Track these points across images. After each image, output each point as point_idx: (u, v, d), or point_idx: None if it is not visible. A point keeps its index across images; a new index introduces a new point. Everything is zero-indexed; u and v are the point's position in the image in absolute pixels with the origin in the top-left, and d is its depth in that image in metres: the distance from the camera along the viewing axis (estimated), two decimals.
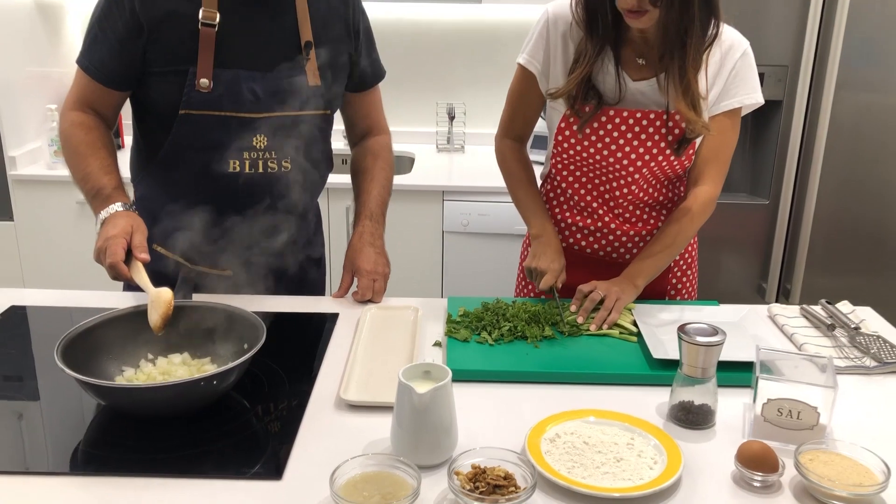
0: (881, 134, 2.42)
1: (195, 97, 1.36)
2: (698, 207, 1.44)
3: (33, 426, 1.11)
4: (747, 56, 1.41)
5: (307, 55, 1.43)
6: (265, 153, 1.43)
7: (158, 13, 1.35)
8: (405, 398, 0.98)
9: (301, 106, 1.44)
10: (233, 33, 1.37)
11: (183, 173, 1.44)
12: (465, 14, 2.97)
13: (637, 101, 1.40)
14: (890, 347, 1.30)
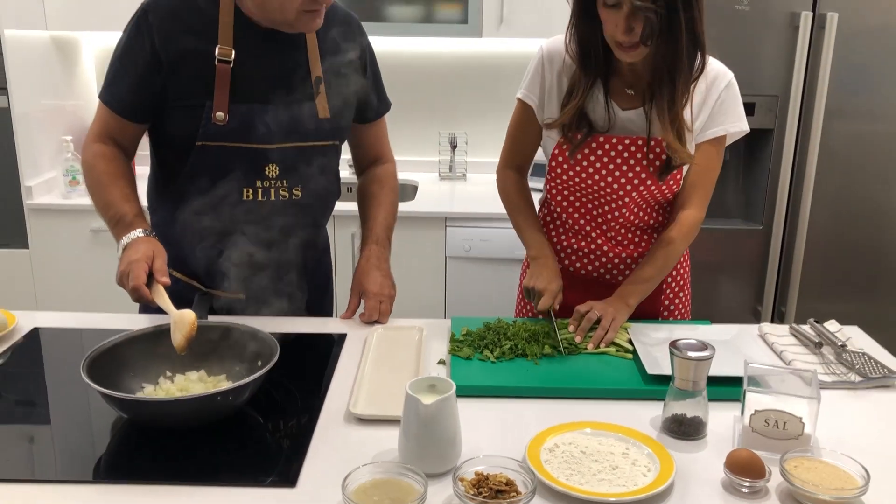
0: (871, 161, 2.50)
1: (211, 129, 1.44)
2: (684, 230, 1.51)
3: (54, 441, 1.17)
4: (731, 86, 1.49)
5: (317, 90, 1.50)
6: (277, 182, 1.50)
7: (177, 50, 1.42)
8: (412, 409, 1.04)
9: (311, 137, 1.51)
10: (247, 69, 1.44)
11: (198, 201, 1.49)
12: (466, 48, 3.07)
13: (626, 128, 1.48)
14: (874, 364, 1.36)
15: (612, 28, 1.35)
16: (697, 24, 1.35)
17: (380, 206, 1.68)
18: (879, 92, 2.45)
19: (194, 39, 1.43)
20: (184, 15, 1.43)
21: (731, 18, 2.39)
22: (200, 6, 1.43)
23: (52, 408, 1.26)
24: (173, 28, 1.42)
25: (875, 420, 1.22)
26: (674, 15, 1.31)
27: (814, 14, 2.38)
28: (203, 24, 1.43)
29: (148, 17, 1.42)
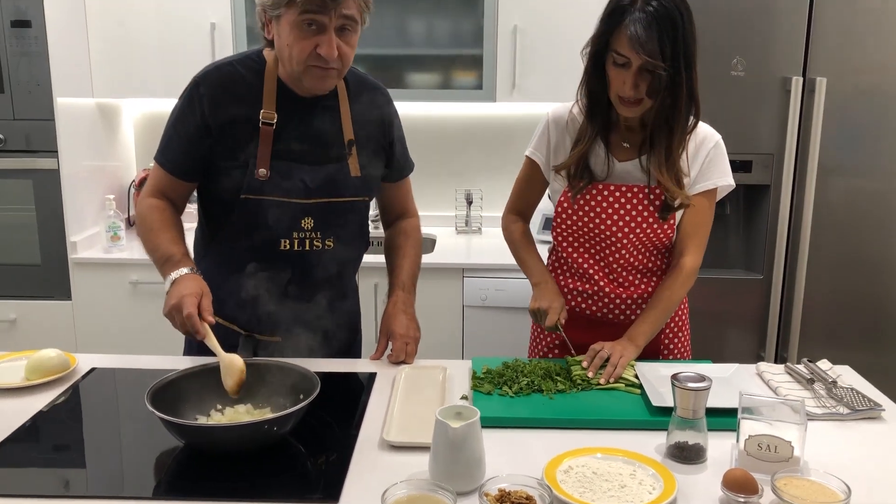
0: (865, 215, 2.64)
1: (254, 184, 1.58)
2: (685, 275, 1.66)
3: (122, 463, 1.31)
4: (719, 146, 1.67)
5: (350, 151, 1.66)
6: (312, 233, 1.64)
7: (224, 117, 1.58)
8: (442, 433, 1.17)
9: (343, 193, 1.65)
10: (287, 131, 1.60)
11: (240, 250, 1.64)
12: (481, 111, 3.27)
13: (623, 177, 1.66)
14: (861, 397, 1.49)
15: (620, 85, 1.53)
16: (694, 83, 1.54)
17: (405, 256, 1.82)
18: (870, 151, 2.60)
19: (240, 106, 1.59)
20: (231, 86, 1.60)
21: (729, 83, 2.57)
22: (246, 78, 1.61)
23: (114, 436, 1.40)
24: (222, 97, 1.59)
25: (860, 447, 1.34)
26: (677, 75, 1.49)
27: (804, 79, 2.55)
28: (248, 93, 1.59)
29: (199, 88, 1.59)
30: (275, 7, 1.50)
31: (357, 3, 1.52)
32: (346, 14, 1.50)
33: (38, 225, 2.82)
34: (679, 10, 1.48)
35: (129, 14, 2.92)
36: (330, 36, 1.50)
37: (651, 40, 1.46)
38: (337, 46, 1.51)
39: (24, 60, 2.71)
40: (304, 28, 1.49)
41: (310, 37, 1.50)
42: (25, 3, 2.67)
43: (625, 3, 1.50)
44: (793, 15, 2.53)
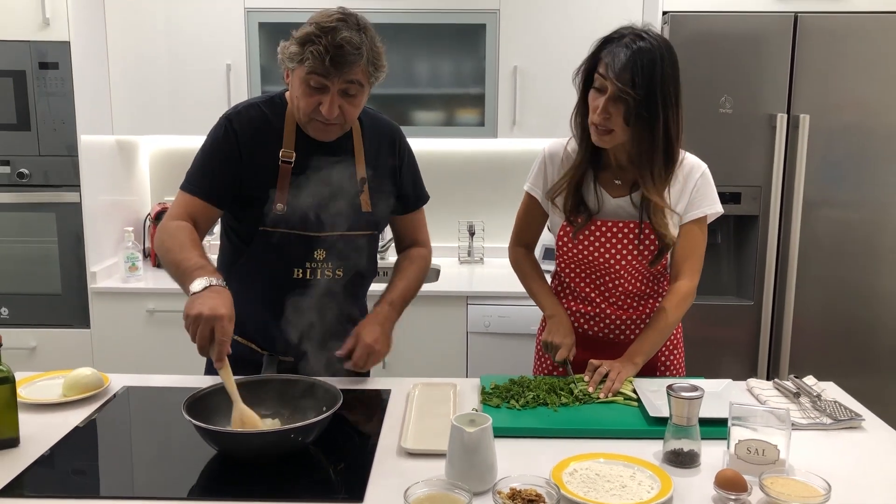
0: (850, 244, 2.78)
1: (272, 218, 1.70)
2: (681, 297, 1.77)
3: (160, 468, 1.42)
4: (705, 175, 1.79)
5: (361, 188, 1.77)
6: (323, 264, 1.75)
7: (252, 152, 1.71)
8: (457, 437, 1.28)
9: (354, 227, 1.76)
10: (304, 170, 1.71)
11: (257, 277, 1.75)
12: (483, 147, 3.42)
13: (616, 213, 1.78)
14: (844, 409, 1.60)
15: (594, 110, 1.65)
16: (671, 123, 1.63)
17: (404, 277, 1.90)
18: (853, 184, 2.75)
19: (264, 145, 1.72)
20: (257, 125, 1.73)
21: (717, 119, 2.73)
22: (269, 119, 1.74)
23: (150, 446, 1.51)
24: (250, 135, 1.71)
25: (841, 453, 1.45)
26: (651, 108, 1.60)
27: (788, 116, 2.71)
28: (270, 133, 1.72)
29: (232, 123, 1.72)
30: (290, 61, 1.63)
31: (364, 68, 1.61)
32: (350, 79, 1.61)
33: (59, 256, 2.94)
34: (661, 52, 1.60)
35: (148, 57, 3.08)
36: (332, 97, 1.61)
37: (625, 69, 1.58)
38: (339, 105, 1.62)
39: (51, 100, 2.86)
40: (309, 86, 1.61)
41: (314, 94, 1.61)
42: (53, 47, 2.83)
43: (615, 36, 1.64)
44: (777, 56, 2.69)
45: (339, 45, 1.56)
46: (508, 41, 3.05)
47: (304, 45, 1.58)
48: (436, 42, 3.12)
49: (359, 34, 1.60)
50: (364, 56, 1.60)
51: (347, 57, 1.57)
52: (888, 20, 2.69)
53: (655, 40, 1.62)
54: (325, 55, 1.56)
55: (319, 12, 1.63)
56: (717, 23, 2.71)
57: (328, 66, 1.57)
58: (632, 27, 1.65)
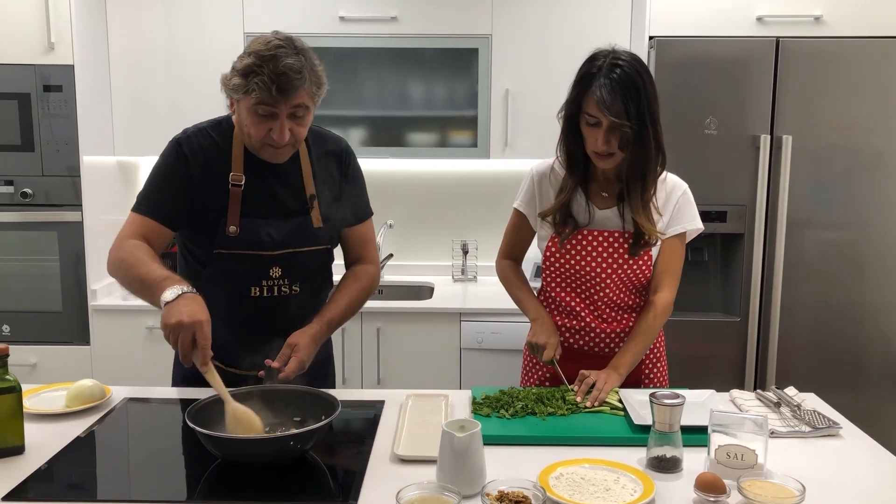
0: (834, 262, 2.84)
1: (225, 240, 1.74)
2: (660, 309, 1.85)
3: (170, 471, 1.47)
4: (686, 194, 1.88)
5: (311, 204, 1.80)
6: (280, 280, 1.78)
7: (203, 176, 1.73)
8: (447, 442, 1.33)
9: (307, 244, 1.80)
10: (254, 191, 1.75)
11: (217, 297, 1.71)
12: (476, 167, 3.50)
13: (603, 223, 1.86)
14: (822, 418, 1.66)
15: (594, 142, 1.74)
16: (660, 135, 1.76)
17: (345, 296, 1.87)
18: (837, 203, 2.83)
19: (213, 169, 1.75)
20: (208, 149, 1.75)
21: (703, 140, 2.81)
22: (219, 143, 1.76)
23: (151, 453, 1.56)
24: (201, 159, 1.74)
25: (819, 459, 1.51)
26: (643, 129, 1.71)
27: (771, 137, 2.79)
28: (219, 157, 1.76)
29: (182, 147, 1.75)
30: (235, 92, 1.64)
31: (308, 91, 1.65)
32: (297, 104, 1.64)
33: (60, 274, 3.00)
34: (640, 75, 1.71)
35: (149, 80, 3.17)
36: (281, 123, 1.65)
37: (616, 103, 1.68)
38: (289, 129, 1.66)
39: (54, 122, 2.93)
40: (258, 114, 1.64)
41: (264, 122, 1.65)
42: (57, 71, 2.90)
43: (592, 71, 1.73)
44: (760, 79, 2.79)
45: (282, 73, 1.59)
46: (500, 65, 3.14)
47: (248, 76, 1.60)
48: (430, 66, 3.21)
49: (298, 58, 1.63)
50: (306, 79, 1.64)
51: (292, 83, 1.61)
52: (866, 45, 2.79)
53: (630, 63, 1.71)
54: (271, 85, 1.59)
55: (255, 39, 1.66)
56: (702, 47, 2.80)
57: (275, 95, 1.60)
58: (602, 55, 1.74)
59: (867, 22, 2.84)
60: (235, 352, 1.77)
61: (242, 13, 3.13)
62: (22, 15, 2.88)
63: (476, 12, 3.12)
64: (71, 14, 2.88)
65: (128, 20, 3.15)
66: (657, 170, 1.80)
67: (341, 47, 3.14)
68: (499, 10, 3.12)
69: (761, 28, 2.85)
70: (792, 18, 2.85)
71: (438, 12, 3.13)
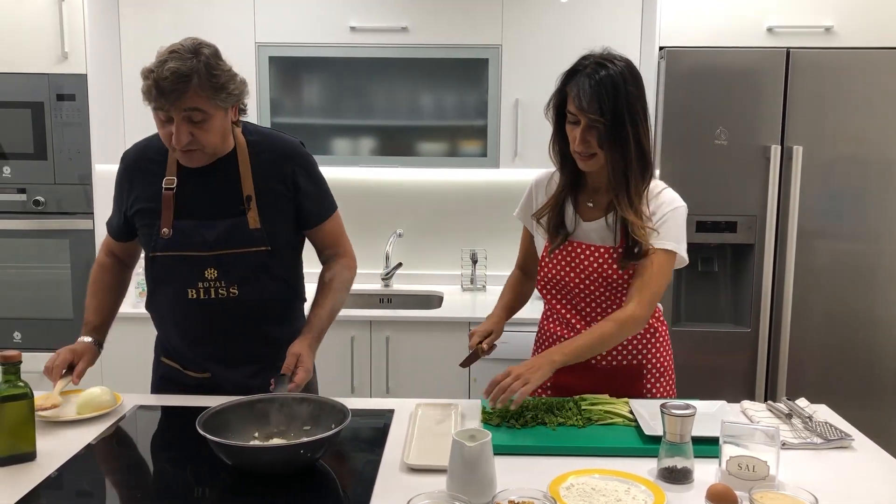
0: (844, 273, 2.84)
1: (160, 242, 1.80)
2: (623, 318, 1.73)
3: (179, 479, 1.47)
4: (675, 212, 1.78)
5: (248, 205, 1.81)
6: (216, 282, 1.80)
7: (138, 187, 1.84)
8: (458, 452, 1.33)
9: (242, 244, 1.81)
10: (187, 193, 1.80)
11: (162, 300, 1.87)
12: (485, 177, 3.49)
13: (588, 236, 1.84)
14: (834, 429, 1.65)
15: (572, 141, 1.75)
16: (642, 137, 1.73)
17: (328, 297, 1.91)
18: (849, 213, 2.82)
19: (149, 176, 1.83)
20: (142, 160, 1.86)
21: (713, 151, 2.81)
22: (156, 151, 1.83)
23: (160, 460, 1.56)
24: (136, 171, 1.85)
25: (831, 472, 1.50)
26: (621, 129, 1.69)
27: (782, 147, 2.79)
28: (156, 164, 1.83)
29: (122, 164, 1.90)
30: (145, 101, 1.70)
31: (202, 96, 1.66)
32: (188, 107, 1.67)
33: (71, 281, 3.02)
34: (623, 76, 1.70)
35: None
36: (176, 126, 1.68)
37: (592, 100, 1.68)
38: (192, 132, 1.69)
39: (67, 130, 2.96)
40: (159, 118, 1.70)
41: (166, 126, 1.70)
42: (70, 80, 2.93)
43: (578, 69, 1.74)
44: (770, 89, 2.79)
45: (165, 77, 1.63)
46: (510, 75, 3.15)
47: (144, 81, 1.68)
48: (440, 76, 3.22)
49: (188, 62, 1.65)
50: (194, 81, 1.65)
51: (176, 86, 1.64)
52: (877, 56, 2.79)
53: (616, 65, 1.71)
54: (154, 88, 1.65)
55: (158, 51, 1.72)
56: (713, 58, 2.80)
57: (160, 99, 1.65)
58: (593, 55, 1.75)
59: (878, 33, 2.84)
60: (185, 353, 1.89)
61: (254, 23, 3.15)
62: (36, 25, 2.91)
63: (486, 23, 3.14)
64: (84, 24, 2.91)
65: (140, 30, 3.17)
66: (641, 174, 1.75)
67: (352, 57, 3.16)
68: (509, 20, 3.14)
69: (772, 39, 2.85)
70: (803, 29, 2.85)
71: (449, 22, 3.14)
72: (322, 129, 3.20)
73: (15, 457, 1.48)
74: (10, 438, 1.48)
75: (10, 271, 3.03)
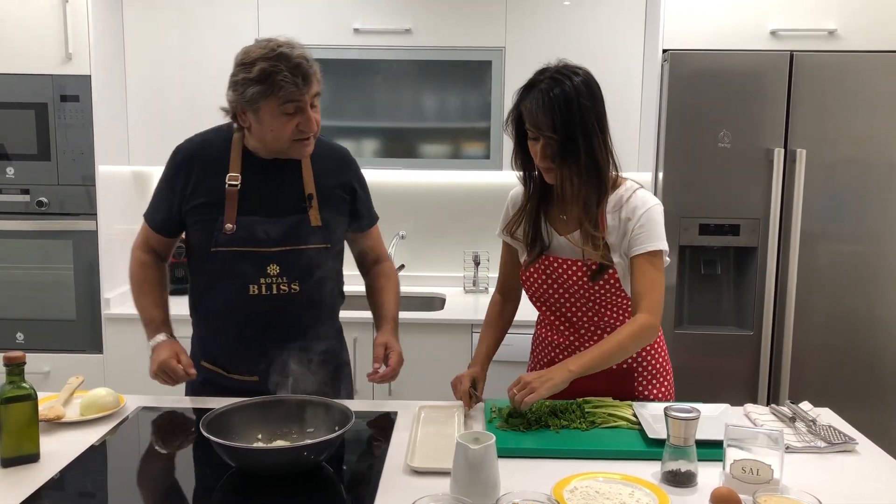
0: (848, 276, 2.83)
1: (222, 238, 1.80)
2: (637, 327, 1.72)
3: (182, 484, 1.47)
4: (650, 212, 1.76)
5: (309, 204, 1.85)
6: (278, 278, 1.82)
7: (197, 182, 1.83)
8: (462, 454, 1.33)
9: (305, 241, 1.83)
10: (251, 190, 1.82)
11: (218, 297, 1.85)
12: (488, 178, 3.49)
13: (562, 250, 1.83)
14: (838, 433, 1.65)
15: (534, 156, 1.75)
16: (597, 150, 1.71)
17: (390, 293, 2.01)
18: (852, 217, 2.81)
19: (210, 172, 1.83)
20: (202, 155, 1.85)
21: (716, 153, 2.81)
22: (217, 147, 1.85)
23: (164, 462, 1.56)
24: (194, 165, 1.84)
25: (835, 475, 1.49)
26: (572, 143, 1.68)
27: (785, 150, 2.79)
28: (217, 160, 1.84)
29: (176, 157, 1.88)
30: (254, 102, 1.70)
31: (318, 80, 1.75)
32: (315, 92, 1.74)
33: (74, 282, 3.02)
34: (577, 90, 1.69)
35: (165, 90, 3.20)
36: (308, 112, 1.73)
37: (544, 115, 1.68)
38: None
39: (71, 131, 2.96)
40: (286, 113, 1.71)
41: (291, 119, 1.72)
42: (74, 81, 2.94)
43: (533, 84, 1.74)
44: (774, 92, 2.78)
45: (298, 64, 1.69)
46: (514, 77, 3.14)
47: (266, 80, 1.68)
48: (443, 78, 3.22)
49: (300, 50, 1.73)
50: (314, 66, 1.74)
51: (310, 70, 1.71)
52: (880, 59, 2.78)
53: (570, 78, 1.71)
54: (295, 77, 1.68)
55: (246, 52, 1.72)
56: (716, 60, 2.80)
57: (301, 86, 1.69)
58: (549, 70, 1.75)
59: (881, 36, 2.84)
60: (236, 353, 1.85)
61: (258, 24, 3.16)
62: (40, 26, 2.92)
63: (490, 25, 3.14)
64: (88, 25, 2.91)
65: (144, 31, 3.18)
66: (595, 189, 1.74)
67: (355, 59, 3.16)
68: (512, 22, 3.14)
69: (775, 42, 2.85)
70: (806, 32, 2.85)
71: (452, 25, 3.14)
72: (325, 131, 3.15)
73: (18, 458, 1.48)
74: (13, 440, 1.48)
75: (14, 272, 3.03)
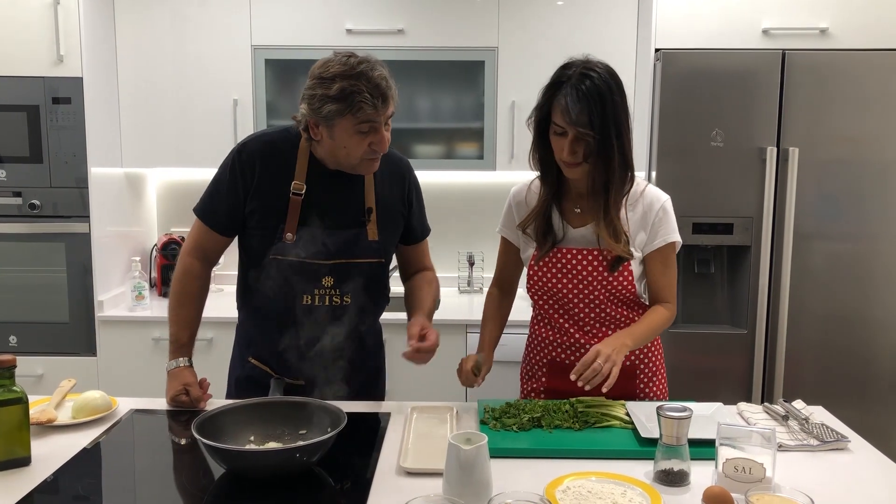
0: (840, 274, 2.83)
1: (281, 246, 1.78)
2: (668, 317, 1.85)
3: (170, 487, 1.47)
4: (665, 207, 1.84)
5: (369, 218, 1.84)
6: (331, 290, 1.81)
7: (261, 183, 1.79)
8: (454, 455, 1.33)
9: (360, 255, 1.83)
10: (314, 200, 1.79)
11: (268, 302, 1.82)
12: (482, 179, 3.50)
13: (578, 241, 1.84)
14: (830, 431, 1.65)
15: (560, 151, 1.74)
16: (626, 148, 1.74)
17: (427, 296, 1.97)
18: (845, 215, 2.82)
19: (274, 176, 1.79)
20: (268, 157, 1.80)
21: (709, 152, 2.81)
22: (282, 151, 1.81)
23: (157, 465, 1.56)
24: (259, 166, 1.79)
25: (827, 473, 1.50)
26: (607, 141, 1.70)
27: (778, 149, 2.79)
28: (282, 165, 1.80)
29: (242, 154, 1.80)
30: (330, 118, 1.67)
31: (395, 100, 1.72)
32: (390, 113, 1.72)
33: (67, 285, 3.01)
34: (608, 86, 1.70)
35: (157, 92, 3.19)
36: (382, 133, 1.71)
37: (581, 113, 1.68)
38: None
39: (63, 134, 2.95)
40: (361, 131, 1.69)
41: (365, 137, 1.70)
42: (66, 83, 2.93)
43: (562, 80, 1.73)
44: (766, 91, 2.79)
45: (378, 84, 1.65)
46: (507, 77, 3.15)
47: (346, 99, 1.63)
48: (437, 78, 3.22)
49: (380, 69, 1.68)
50: (393, 86, 1.70)
51: (389, 91, 1.68)
52: (872, 57, 2.79)
53: (600, 74, 1.71)
54: (374, 99, 1.64)
55: (324, 64, 1.68)
56: (708, 60, 2.80)
57: (379, 107, 1.66)
58: (575, 64, 1.75)
59: (873, 35, 2.85)
60: (282, 357, 1.81)
61: (250, 26, 3.15)
62: (31, 28, 2.91)
63: (482, 25, 3.14)
64: (80, 27, 2.91)
65: (136, 33, 3.17)
66: (622, 183, 1.77)
67: None
68: (505, 22, 3.14)
69: (767, 41, 2.85)
70: (798, 31, 2.85)
71: (445, 25, 3.14)
72: None
73: (10, 462, 1.48)
74: (4, 443, 1.47)
75: (6, 275, 3.02)
